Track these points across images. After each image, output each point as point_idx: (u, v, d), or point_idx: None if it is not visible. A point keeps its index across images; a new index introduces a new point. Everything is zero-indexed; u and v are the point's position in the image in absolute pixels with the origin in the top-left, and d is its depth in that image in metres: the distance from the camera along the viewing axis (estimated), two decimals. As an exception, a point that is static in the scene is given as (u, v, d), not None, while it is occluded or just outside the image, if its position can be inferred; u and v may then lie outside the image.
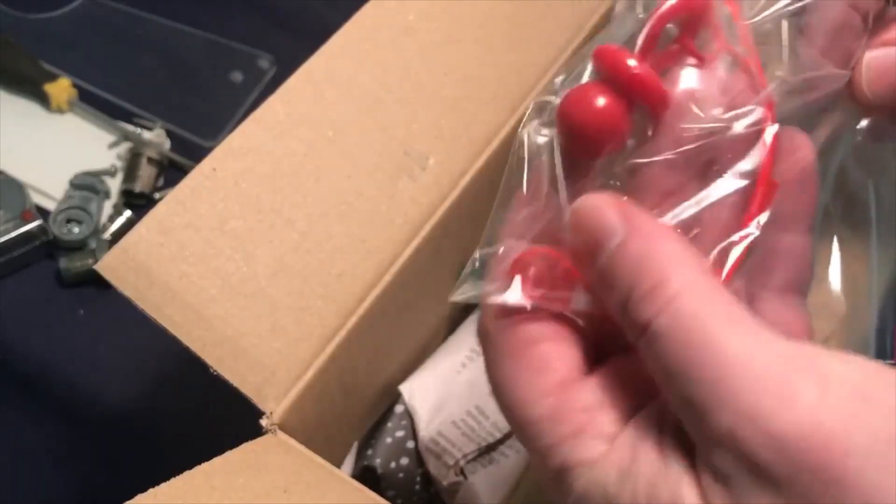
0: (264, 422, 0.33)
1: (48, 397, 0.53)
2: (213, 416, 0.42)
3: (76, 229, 0.58)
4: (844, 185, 0.28)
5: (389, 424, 0.45)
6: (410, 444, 0.44)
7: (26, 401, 0.53)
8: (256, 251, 0.35)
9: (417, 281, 0.40)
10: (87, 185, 0.59)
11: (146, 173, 0.61)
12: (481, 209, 0.27)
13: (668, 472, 0.21)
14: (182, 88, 0.67)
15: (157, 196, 0.61)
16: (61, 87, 0.63)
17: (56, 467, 0.51)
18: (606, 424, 0.22)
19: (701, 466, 0.20)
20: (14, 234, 0.56)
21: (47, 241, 0.57)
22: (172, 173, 0.63)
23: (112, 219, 0.59)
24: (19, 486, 0.50)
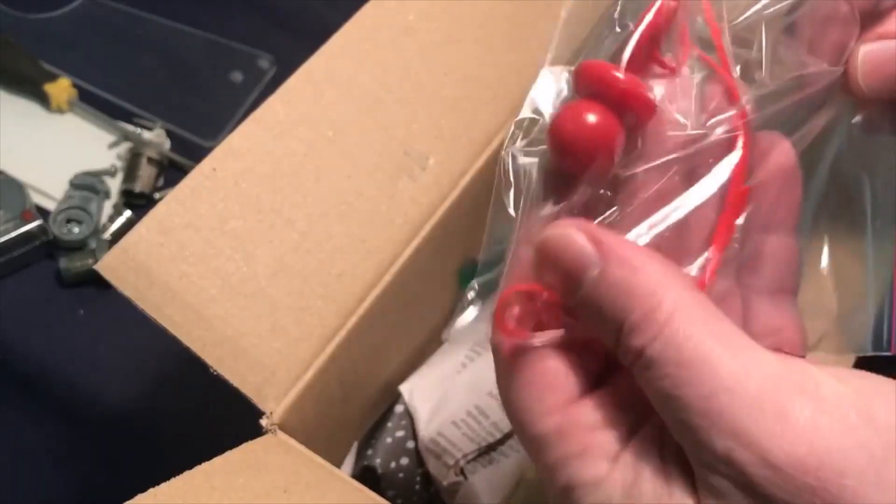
0: (264, 422, 0.33)
1: (48, 397, 0.53)
2: (213, 416, 0.42)
3: (76, 229, 0.58)
4: (838, 180, 0.28)
5: (389, 424, 0.45)
6: (410, 444, 0.44)
7: (26, 401, 0.53)
8: (256, 251, 0.35)
9: (417, 281, 0.40)
10: (87, 185, 0.59)
11: (146, 173, 0.61)
12: (481, 209, 0.27)
13: (670, 494, 0.21)
14: (182, 88, 0.67)
15: (157, 196, 0.61)
16: (61, 87, 0.63)
17: (56, 467, 0.51)
18: (610, 443, 0.23)
19: (700, 487, 0.21)
20: (14, 234, 0.56)
21: (47, 241, 0.57)
22: (172, 173, 0.63)
23: (112, 219, 0.59)
24: (19, 486, 0.50)
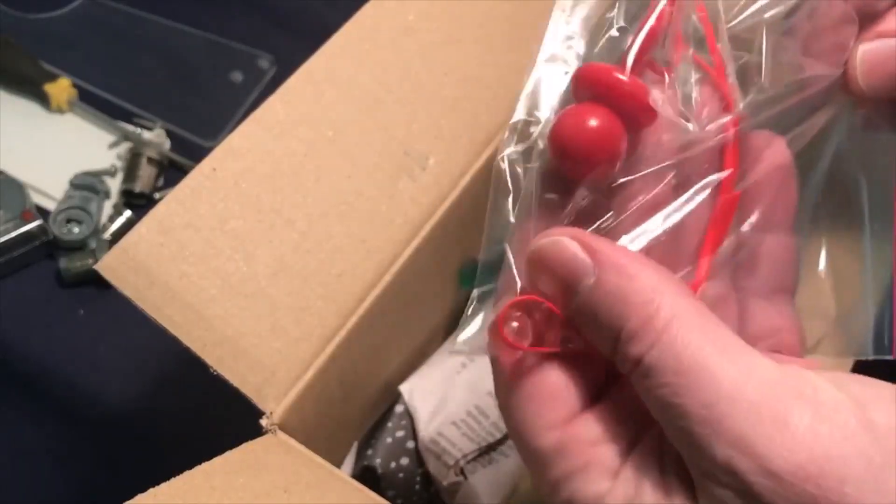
0: (264, 422, 0.33)
1: (48, 397, 0.53)
2: (213, 416, 0.42)
3: (76, 229, 0.58)
4: (837, 179, 0.28)
5: (389, 424, 0.45)
6: (410, 444, 0.44)
7: (26, 401, 0.53)
8: (256, 251, 0.35)
9: (417, 281, 0.40)
10: (87, 185, 0.59)
11: (146, 173, 0.61)
12: (481, 209, 0.27)
13: None
14: (182, 88, 0.67)
15: (157, 196, 0.61)
16: (61, 87, 0.63)
17: (56, 467, 0.51)
18: (611, 458, 0.23)
19: (701, 497, 0.20)
20: (14, 234, 0.56)
21: (47, 241, 0.57)
22: (172, 173, 0.63)
23: (112, 219, 0.59)
24: (19, 486, 0.50)
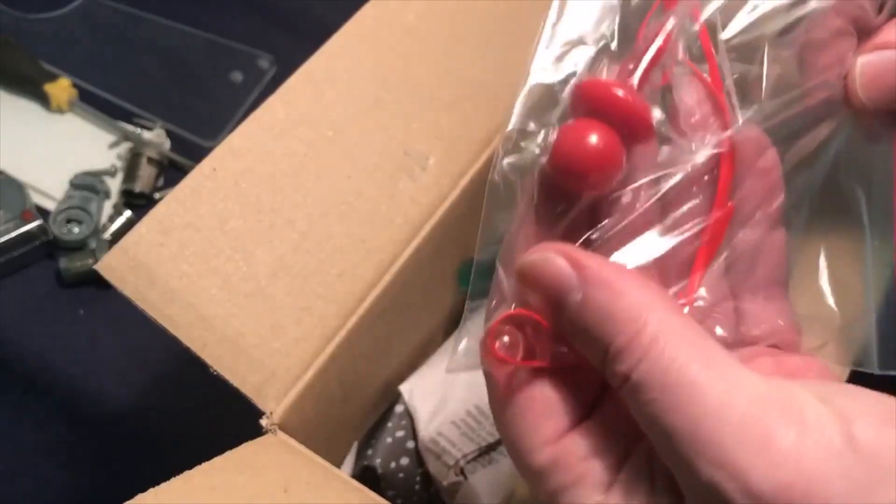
0: (264, 422, 0.33)
1: (48, 397, 0.53)
2: (213, 416, 0.42)
3: (76, 229, 0.58)
4: (835, 190, 0.28)
5: (389, 424, 0.45)
6: (410, 444, 0.44)
7: (26, 401, 0.53)
8: (256, 251, 0.35)
9: (417, 281, 0.40)
10: (87, 185, 0.59)
11: (146, 173, 0.61)
12: (481, 209, 0.27)
13: None
14: (182, 88, 0.67)
15: (157, 196, 0.61)
16: (61, 87, 0.63)
17: (56, 467, 0.51)
18: (603, 472, 0.23)
19: None
20: (14, 234, 0.56)
21: (47, 241, 0.57)
22: (172, 173, 0.63)
23: (112, 219, 0.59)
24: (19, 486, 0.50)
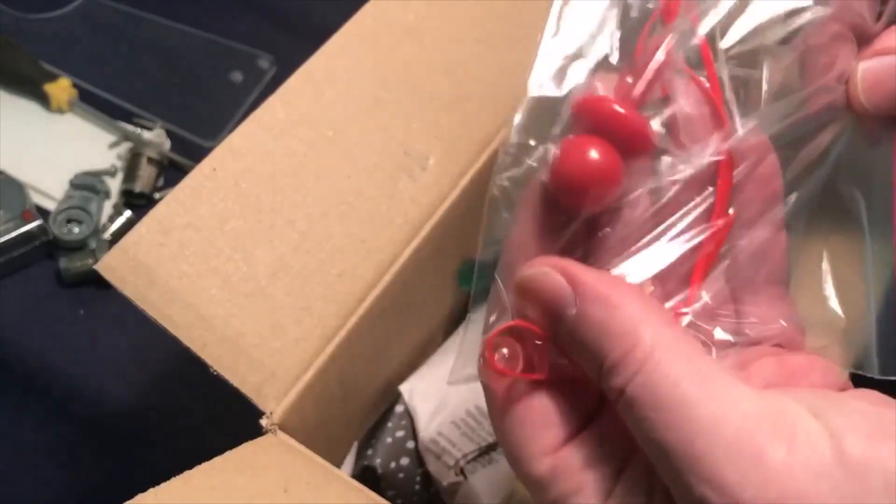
0: (264, 422, 0.33)
1: (48, 397, 0.53)
2: (214, 417, 0.42)
3: (76, 229, 0.58)
4: (836, 192, 0.28)
5: (389, 424, 0.45)
6: (410, 444, 0.44)
7: (26, 401, 0.53)
8: (256, 251, 0.35)
9: (417, 281, 0.40)
10: (87, 185, 0.59)
11: (146, 173, 0.61)
12: (481, 209, 0.27)
13: None
14: (182, 88, 0.67)
15: (157, 196, 0.61)
16: (61, 87, 0.63)
17: (56, 467, 0.51)
18: (601, 481, 0.23)
19: None
20: (14, 234, 0.56)
21: (47, 241, 0.57)
22: (172, 173, 0.63)
23: (112, 219, 0.59)
24: (19, 486, 0.50)
